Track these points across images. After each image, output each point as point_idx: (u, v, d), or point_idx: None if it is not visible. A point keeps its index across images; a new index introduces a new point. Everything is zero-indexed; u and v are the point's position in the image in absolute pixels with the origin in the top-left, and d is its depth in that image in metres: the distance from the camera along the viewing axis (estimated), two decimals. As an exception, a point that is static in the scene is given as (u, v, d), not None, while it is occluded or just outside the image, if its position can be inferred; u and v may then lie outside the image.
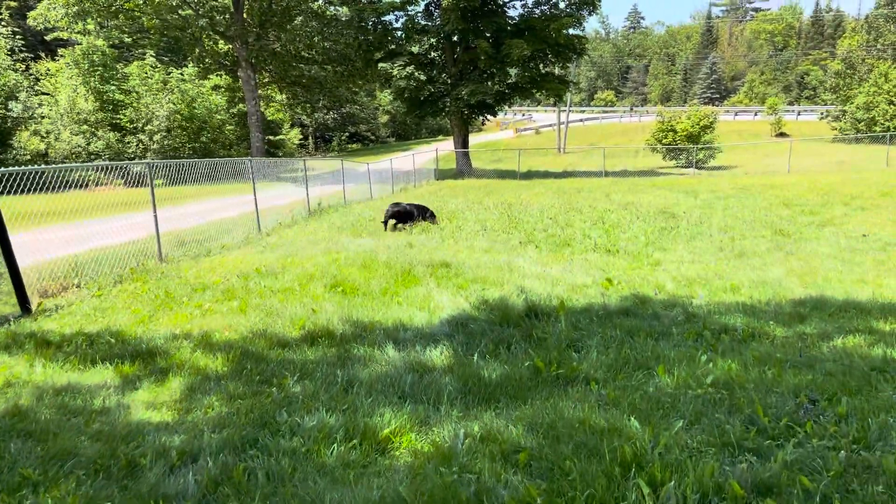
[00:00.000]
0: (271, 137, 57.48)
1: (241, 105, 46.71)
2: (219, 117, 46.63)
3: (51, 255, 8.84)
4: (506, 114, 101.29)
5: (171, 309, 7.37)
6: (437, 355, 5.73)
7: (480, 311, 7.19)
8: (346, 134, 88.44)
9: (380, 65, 36.49)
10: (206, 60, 44.37)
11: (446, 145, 47.85)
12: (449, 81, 37.28)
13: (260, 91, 52.34)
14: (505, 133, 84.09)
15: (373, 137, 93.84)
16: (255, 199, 14.49)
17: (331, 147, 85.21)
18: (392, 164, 31.35)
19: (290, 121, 65.57)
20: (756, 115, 75.85)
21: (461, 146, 40.21)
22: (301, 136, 76.25)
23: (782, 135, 63.27)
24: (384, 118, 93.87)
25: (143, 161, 18.96)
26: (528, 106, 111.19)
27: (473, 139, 77.80)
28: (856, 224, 13.83)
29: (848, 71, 56.90)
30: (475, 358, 5.60)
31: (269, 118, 56.06)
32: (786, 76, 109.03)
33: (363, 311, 7.26)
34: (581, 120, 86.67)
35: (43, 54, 46.08)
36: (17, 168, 7.83)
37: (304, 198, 19.10)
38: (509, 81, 39.10)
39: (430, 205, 18.45)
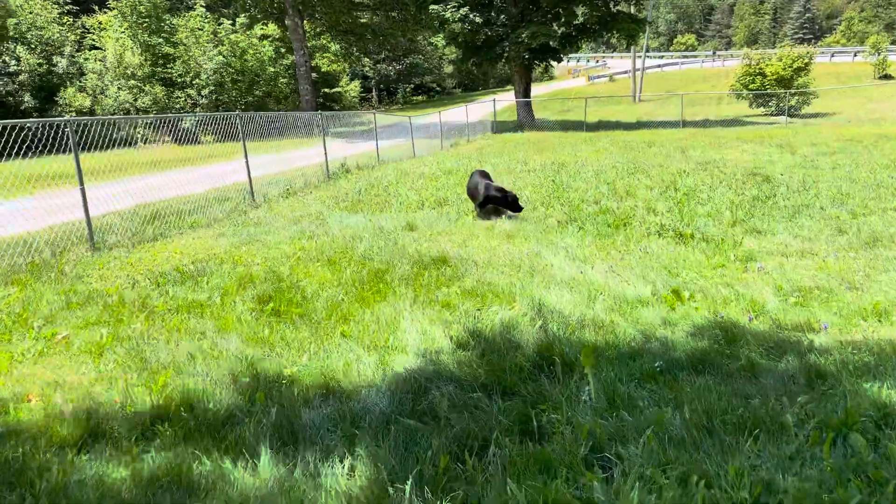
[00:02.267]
0: (327, 90, 55.18)
1: (290, 56, 44.33)
2: (272, 70, 44.56)
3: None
4: (578, 60, 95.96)
5: (8, 341, 4.99)
6: (339, 480, 3.10)
7: (463, 356, 4.49)
8: (411, 86, 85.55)
9: (431, 7, 33.18)
10: (252, 9, 42.15)
11: (513, 95, 44.38)
12: (508, 23, 33.69)
13: (312, 42, 50.07)
14: (577, 81, 79.26)
15: (438, 89, 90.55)
16: (247, 161, 12.04)
17: (395, 100, 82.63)
18: (441, 117, 28.46)
19: (347, 73, 62.93)
20: (856, 55, 68.41)
21: (522, 95, 36.77)
22: (362, 90, 73.86)
23: (887, 77, 56.53)
24: (449, 68, 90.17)
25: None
26: (603, 52, 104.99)
27: (542, 88, 73.62)
28: None
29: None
30: (406, 495, 2.94)
31: (323, 69, 53.64)
32: (889, 13, 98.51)
33: (283, 351, 4.68)
34: (659, 66, 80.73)
35: (96, 6, 44.81)
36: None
37: (332, 157, 16.61)
38: (576, 22, 35.14)
39: (465, 165, 15.64)
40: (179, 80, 37.74)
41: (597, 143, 22.00)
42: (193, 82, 37.93)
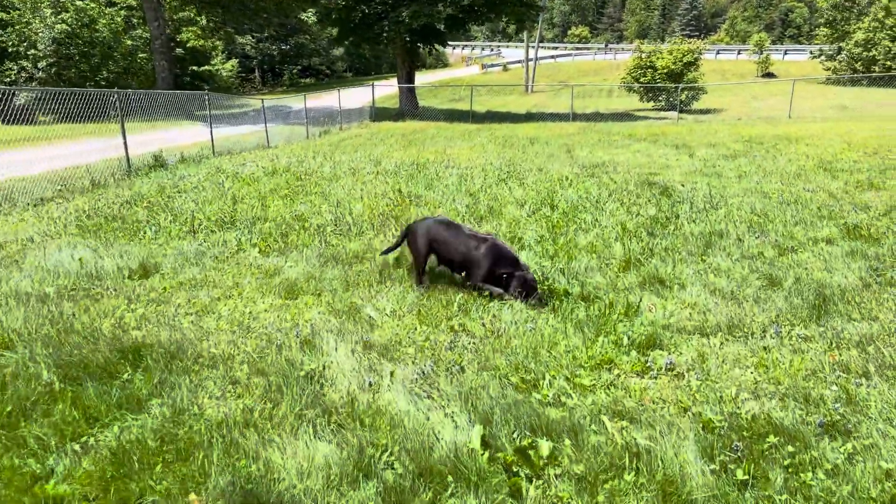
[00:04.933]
0: (195, 68, 49.93)
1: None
2: (129, 42, 39.31)
3: None
4: (472, 49, 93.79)
5: None
6: None
7: None
8: (298, 68, 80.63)
9: (301, -22, 29.53)
10: (98, -28, 36.92)
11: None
12: (388, 1, 30.51)
13: (175, 13, 44.97)
14: (470, 69, 77.01)
15: (328, 72, 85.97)
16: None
17: (281, 82, 77.55)
18: (309, 102, 25.06)
19: (222, 50, 57.60)
20: (739, 53, 69.79)
21: (405, 81, 33.74)
22: (243, 70, 68.51)
23: (769, 75, 57.50)
24: (339, 50, 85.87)
25: None
26: (498, 41, 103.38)
27: (434, 75, 70.80)
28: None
29: (846, 3, 50.77)
30: None
31: (190, 45, 48.37)
32: (769, 13, 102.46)
33: None
34: (553, 57, 79.70)
35: None
36: None
37: (145, 149, 13.06)
38: (463, 3, 32.39)
39: (305, 162, 12.48)
40: (12, 49, 32.24)
41: (476, 137, 19.31)
42: (29, 53, 32.52)
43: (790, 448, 3.14)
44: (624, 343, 4.35)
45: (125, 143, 12.60)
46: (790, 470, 3.01)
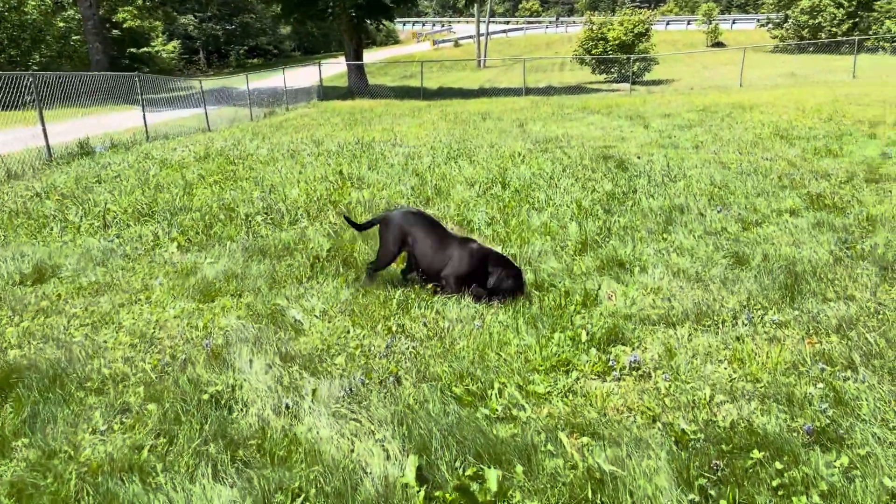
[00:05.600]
0: (133, 50, 47.79)
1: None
2: (61, 24, 37.38)
3: None
4: (423, 25, 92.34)
5: None
6: None
7: None
8: (245, 48, 78.18)
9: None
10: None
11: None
12: (332, -25, 29.43)
13: (108, -8, 42.91)
14: (421, 46, 75.84)
15: (275, 51, 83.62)
16: None
17: (228, 63, 75.12)
18: (249, 83, 24.02)
19: (162, 31, 55.26)
20: (689, 24, 70.05)
21: (353, 58, 32.72)
22: (186, 51, 66.07)
23: (718, 45, 57.81)
24: (286, 29, 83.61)
25: None
26: (449, 16, 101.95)
27: (384, 52, 69.44)
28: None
29: (792, -30, 51.05)
30: None
31: (126, 25, 46.18)
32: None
33: None
34: (504, 31, 78.90)
35: None
36: None
37: (74, 135, 12.10)
38: (409, -24, 31.50)
39: (242, 145, 11.70)
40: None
41: (427, 114, 18.64)
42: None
43: (778, 465, 2.67)
44: (582, 339, 3.85)
45: (44, 130, 11.64)
46: (780, 493, 2.53)
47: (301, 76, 33.69)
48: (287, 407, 3.20)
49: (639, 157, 9.81)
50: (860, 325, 3.97)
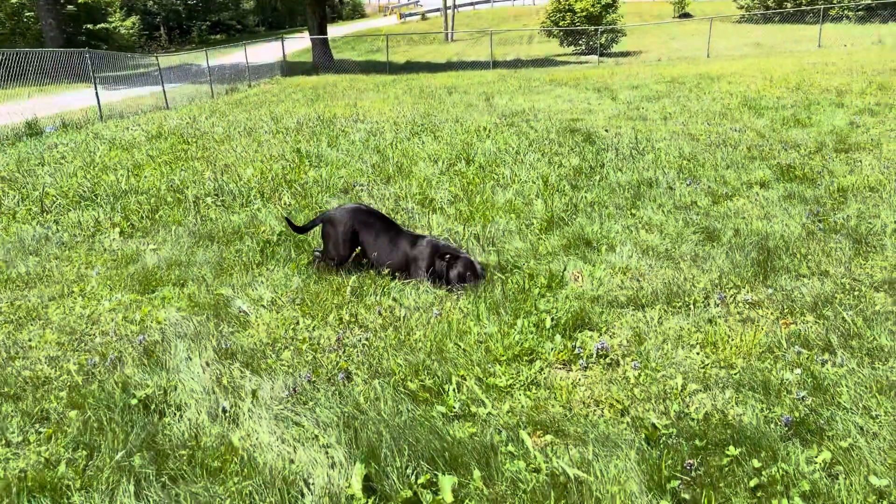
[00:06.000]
0: (90, 26, 46.14)
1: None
2: (14, 1, 36.03)
3: None
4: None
5: None
6: None
7: None
8: (207, 24, 76.16)
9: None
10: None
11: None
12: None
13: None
14: (388, 20, 74.55)
15: (239, 27, 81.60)
16: None
17: (190, 39, 73.11)
18: (209, 59, 23.24)
19: (120, 6, 53.44)
20: (656, -6, 69.82)
21: (317, 33, 31.93)
22: (146, 27, 64.07)
23: (685, 15, 57.68)
24: (249, 3, 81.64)
25: None
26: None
27: (351, 27, 68.06)
28: (893, 143, 7.88)
29: (757, -60, 50.94)
30: None
31: (82, 1, 44.53)
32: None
33: None
34: (472, 4, 77.88)
35: None
36: None
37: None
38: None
39: (206, 119, 11.22)
40: None
41: (392, 88, 18.20)
42: None
43: (755, 462, 2.46)
44: (547, 325, 3.61)
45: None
46: (759, 495, 2.33)
47: (264, 52, 32.77)
48: (224, 411, 2.92)
49: (606, 130, 9.58)
50: (836, 303, 3.79)
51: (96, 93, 15.20)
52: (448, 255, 4.22)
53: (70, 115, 13.81)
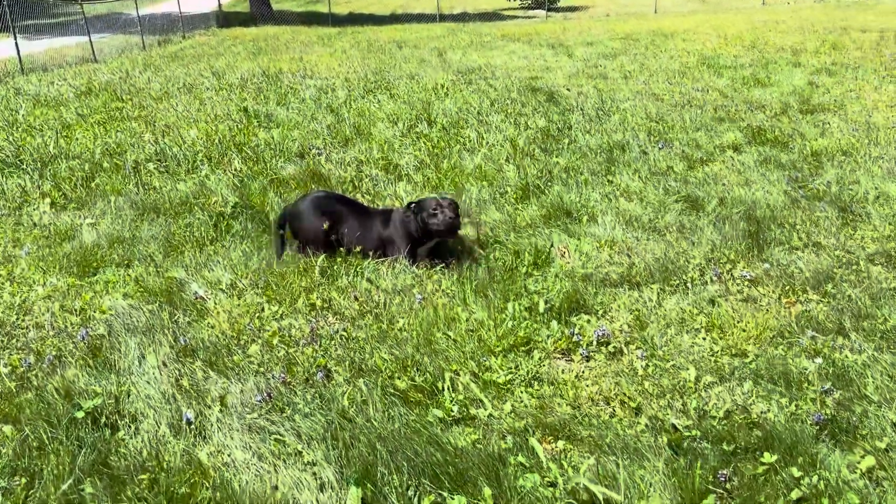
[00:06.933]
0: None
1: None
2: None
3: None
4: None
5: None
6: None
7: None
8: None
9: None
10: None
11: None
12: None
13: None
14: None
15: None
16: None
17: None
18: (139, 8, 21.77)
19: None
20: (601, -52, 69.21)
21: (254, -19, 30.35)
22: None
23: (630, -29, 57.38)
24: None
25: None
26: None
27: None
28: (856, 104, 7.82)
29: None
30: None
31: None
32: None
33: None
34: (414, -47, 75.70)
35: None
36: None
37: None
38: None
39: (141, 74, 10.40)
40: None
41: (337, 42, 17.39)
42: None
43: (794, 471, 2.24)
44: (541, 310, 3.32)
45: None
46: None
47: (198, 0, 31.03)
48: (189, 422, 2.53)
49: (568, 90, 9.26)
50: (837, 279, 3.61)
51: (16, 43, 13.98)
52: (413, 205, 3.88)
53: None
